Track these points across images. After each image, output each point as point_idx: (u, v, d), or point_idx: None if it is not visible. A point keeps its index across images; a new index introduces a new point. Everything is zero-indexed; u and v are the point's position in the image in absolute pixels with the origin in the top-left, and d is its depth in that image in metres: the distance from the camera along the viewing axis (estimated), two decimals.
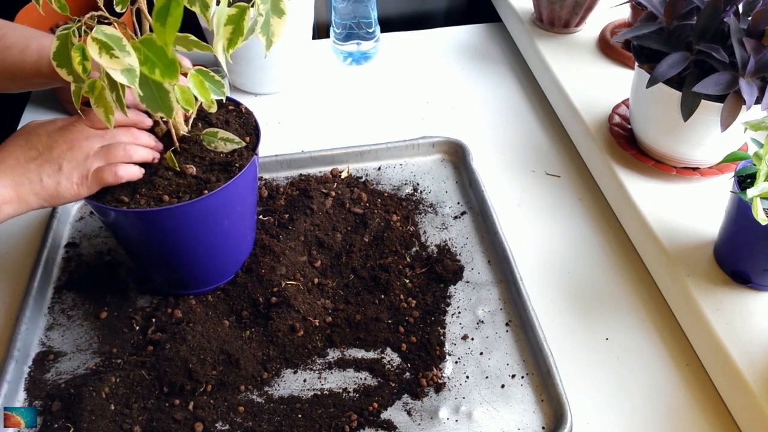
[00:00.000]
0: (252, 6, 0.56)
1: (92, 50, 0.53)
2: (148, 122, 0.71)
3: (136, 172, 0.66)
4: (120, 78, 0.54)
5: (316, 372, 0.73)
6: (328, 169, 0.97)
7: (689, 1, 0.75)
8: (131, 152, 0.67)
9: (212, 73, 0.64)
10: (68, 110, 1.05)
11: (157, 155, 0.69)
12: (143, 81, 0.57)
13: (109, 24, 0.57)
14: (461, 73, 1.17)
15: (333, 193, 0.91)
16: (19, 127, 0.94)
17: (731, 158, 0.72)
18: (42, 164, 0.64)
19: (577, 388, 0.70)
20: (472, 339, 0.75)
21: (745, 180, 0.70)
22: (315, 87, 1.13)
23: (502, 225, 0.85)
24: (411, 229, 0.87)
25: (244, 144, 0.69)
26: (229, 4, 0.57)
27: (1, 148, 0.65)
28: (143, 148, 0.68)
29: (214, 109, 0.65)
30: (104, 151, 0.66)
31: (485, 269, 0.83)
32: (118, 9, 0.59)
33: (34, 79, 0.74)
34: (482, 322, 0.77)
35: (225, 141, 0.69)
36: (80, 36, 0.56)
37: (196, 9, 0.55)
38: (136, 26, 0.64)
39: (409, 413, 0.69)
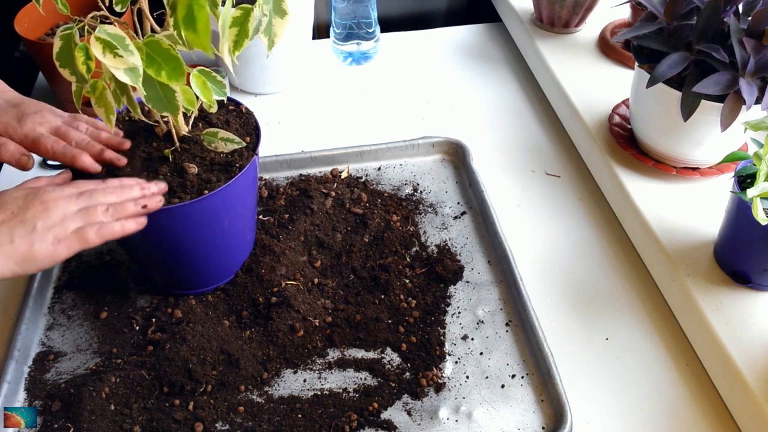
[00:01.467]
0: (256, 7, 0.56)
1: (96, 50, 0.53)
2: (122, 162, 0.68)
3: (118, 231, 0.61)
4: (123, 77, 0.54)
5: (316, 372, 0.73)
6: (328, 169, 0.97)
7: (689, 1, 0.75)
8: (114, 213, 0.62)
9: (214, 74, 0.64)
10: (68, 110, 1.04)
11: (157, 202, 0.64)
12: (147, 80, 0.57)
13: (111, 24, 0.57)
14: (461, 73, 1.17)
15: (333, 193, 0.91)
16: None
17: (731, 158, 0.72)
18: (14, 225, 0.59)
19: (577, 388, 0.70)
20: (472, 339, 0.75)
21: (745, 180, 0.70)
22: (315, 87, 1.13)
23: (502, 225, 0.85)
24: (411, 229, 0.87)
25: (244, 144, 0.69)
26: (234, 6, 0.57)
27: None
28: (130, 203, 0.63)
29: (214, 109, 0.65)
30: (83, 212, 0.61)
31: (485, 269, 0.83)
32: (118, 9, 0.59)
33: None
34: (482, 322, 0.77)
35: (225, 141, 0.69)
36: (82, 36, 0.57)
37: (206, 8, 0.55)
38: (137, 26, 0.64)
39: (409, 413, 0.69)
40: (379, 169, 0.97)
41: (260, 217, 0.88)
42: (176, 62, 0.56)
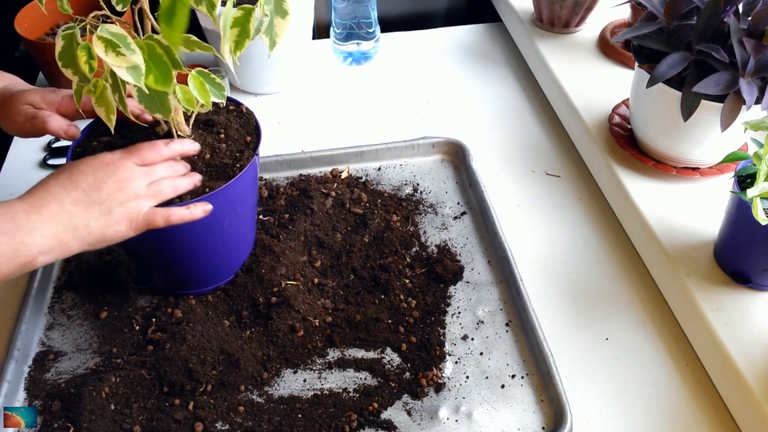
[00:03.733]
0: (257, 7, 0.56)
1: (98, 48, 0.53)
2: (196, 147, 0.69)
3: (185, 215, 0.64)
4: (125, 76, 0.54)
5: (316, 372, 0.73)
6: (328, 169, 0.97)
7: (689, 1, 0.75)
8: (178, 187, 0.65)
9: (213, 75, 0.64)
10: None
11: (199, 180, 0.67)
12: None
13: (112, 23, 0.57)
14: (461, 73, 1.17)
15: (333, 193, 0.91)
16: None
17: (731, 158, 0.72)
18: (88, 206, 0.59)
19: (577, 388, 0.70)
20: (472, 339, 0.75)
21: (745, 180, 0.70)
22: (315, 87, 1.13)
23: (502, 225, 0.85)
24: (411, 230, 0.87)
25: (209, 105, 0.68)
26: (235, 6, 0.57)
27: (43, 187, 0.59)
28: (186, 179, 0.66)
29: (206, 108, 0.66)
30: (152, 190, 0.63)
31: (485, 269, 0.83)
32: (119, 8, 0.59)
33: None
34: (482, 322, 0.77)
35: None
36: (84, 35, 0.57)
37: (202, 8, 0.55)
38: (138, 26, 0.64)
39: (409, 413, 0.69)
40: (379, 169, 0.97)
41: (260, 217, 0.88)
42: (165, 68, 0.56)
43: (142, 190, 0.62)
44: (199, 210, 0.64)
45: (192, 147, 0.68)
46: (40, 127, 0.69)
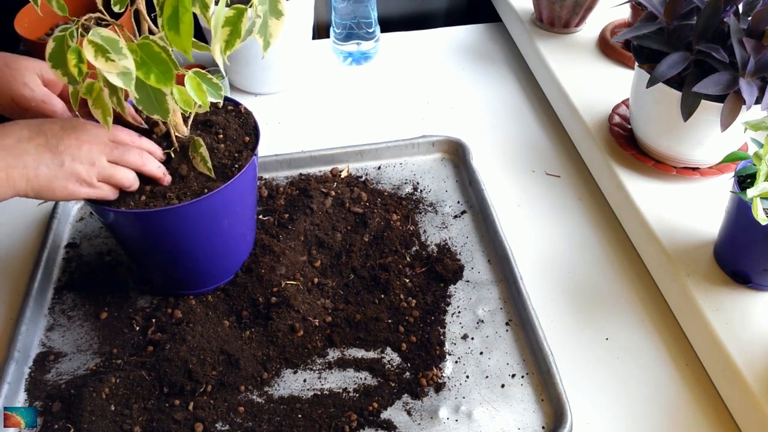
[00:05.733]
0: (250, 7, 0.56)
1: (88, 53, 0.53)
2: (160, 154, 0.69)
3: (134, 182, 0.65)
4: (116, 81, 0.54)
5: (316, 372, 0.73)
6: (328, 168, 0.97)
7: (689, 1, 0.75)
8: (145, 161, 0.65)
9: (210, 76, 0.64)
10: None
11: (169, 178, 0.68)
12: (139, 84, 0.57)
13: (107, 26, 0.57)
14: (461, 73, 1.17)
15: (333, 193, 0.91)
16: None
17: (731, 158, 0.72)
18: (43, 151, 0.60)
19: (577, 388, 0.70)
20: (472, 339, 0.75)
21: (745, 180, 0.70)
22: (315, 87, 1.13)
23: (502, 224, 0.85)
24: (411, 229, 0.87)
25: (212, 174, 0.69)
26: (228, 5, 0.57)
27: (10, 123, 0.61)
28: (156, 162, 0.67)
29: (203, 108, 0.66)
30: (111, 168, 0.63)
31: (485, 269, 0.83)
32: (116, 9, 0.59)
33: None
34: (482, 321, 0.77)
35: (202, 160, 0.68)
36: (78, 38, 0.56)
37: (196, 9, 0.55)
38: (135, 27, 0.64)
39: (409, 413, 0.69)
40: (379, 168, 0.97)
41: (260, 217, 0.88)
42: (165, 66, 0.56)
43: (102, 161, 0.62)
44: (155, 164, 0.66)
45: (159, 152, 0.69)
46: (50, 112, 0.69)
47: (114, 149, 0.64)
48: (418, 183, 0.95)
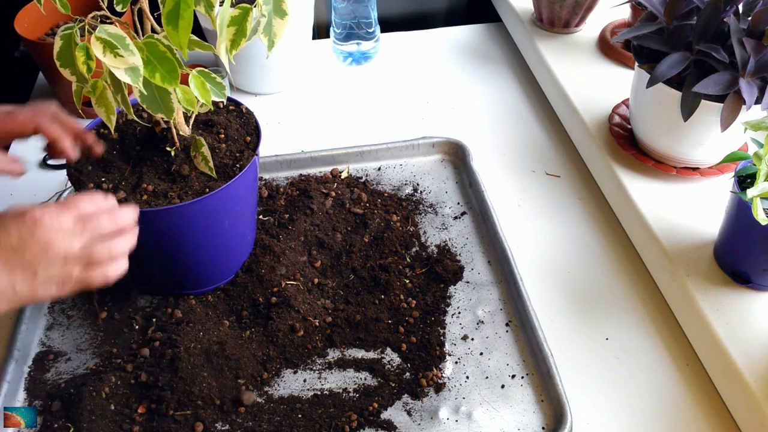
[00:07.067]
0: (255, 7, 0.56)
1: (96, 49, 0.53)
2: (134, 215, 0.61)
3: (124, 268, 0.59)
4: (124, 77, 0.54)
5: (316, 372, 0.73)
6: (328, 169, 0.97)
7: (689, 1, 0.75)
8: (116, 250, 0.58)
9: (213, 75, 0.64)
10: (69, 111, 1.04)
11: (135, 237, 0.61)
12: (144, 82, 0.57)
13: (111, 24, 0.57)
14: (461, 73, 1.17)
15: (333, 193, 0.91)
16: None
17: (731, 158, 0.72)
18: (12, 269, 0.53)
19: (577, 388, 0.70)
20: (472, 339, 0.75)
21: (745, 180, 0.70)
22: (315, 87, 1.13)
23: (502, 225, 0.85)
24: (411, 230, 0.87)
25: (213, 174, 0.69)
26: (233, 5, 0.57)
27: None
28: (127, 237, 0.59)
29: (205, 108, 0.66)
30: (86, 254, 0.56)
31: (485, 269, 0.83)
32: (118, 8, 0.59)
33: None
34: (482, 322, 0.77)
35: (204, 159, 0.68)
36: (83, 36, 0.57)
37: (200, 9, 0.55)
38: (138, 26, 0.64)
39: (409, 413, 0.69)
40: (379, 169, 0.97)
41: (260, 217, 0.88)
42: (171, 65, 0.56)
43: (72, 251, 0.55)
44: (124, 266, 0.59)
45: (131, 215, 0.61)
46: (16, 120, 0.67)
47: (83, 230, 0.56)
48: (418, 184, 0.95)
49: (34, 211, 0.55)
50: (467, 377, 0.72)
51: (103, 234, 0.57)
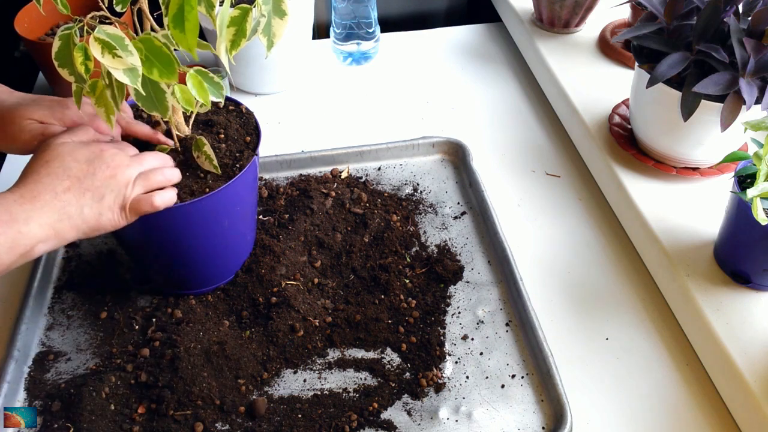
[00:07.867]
0: (254, 7, 0.56)
1: (95, 50, 0.53)
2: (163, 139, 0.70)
3: (172, 197, 0.64)
4: (122, 78, 0.54)
5: (316, 372, 0.73)
6: (328, 169, 0.97)
7: (689, 1, 0.75)
8: (169, 177, 0.65)
9: (211, 75, 0.64)
10: None
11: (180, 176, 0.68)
12: (143, 81, 0.57)
13: (111, 24, 0.57)
14: (461, 73, 1.17)
15: (333, 193, 0.91)
16: None
17: (731, 158, 0.72)
18: (82, 193, 0.59)
19: (577, 388, 0.70)
20: (472, 339, 0.75)
21: (745, 180, 0.70)
22: (315, 87, 1.13)
23: (502, 225, 0.85)
24: (411, 229, 0.87)
25: (218, 171, 0.69)
26: (232, 5, 0.57)
27: (34, 177, 0.59)
28: (176, 170, 0.67)
29: (205, 108, 0.66)
30: (143, 178, 0.63)
31: (485, 269, 0.83)
32: (118, 9, 0.59)
33: None
34: (482, 322, 0.77)
35: (207, 158, 0.68)
36: (82, 36, 0.56)
37: (201, 9, 0.55)
38: (137, 26, 0.64)
39: (409, 413, 0.69)
40: (379, 169, 0.97)
41: (260, 217, 0.88)
42: (168, 60, 0.56)
43: (133, 177, 0.63)
44: (172, 195, 0.65)
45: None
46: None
47: (140, 161, 0.64)
48: (418, 184, 0.95)
49: (99, 144, 0.63)
50: (467, 377, 0.72)
51: (153, 167, 0.65)
